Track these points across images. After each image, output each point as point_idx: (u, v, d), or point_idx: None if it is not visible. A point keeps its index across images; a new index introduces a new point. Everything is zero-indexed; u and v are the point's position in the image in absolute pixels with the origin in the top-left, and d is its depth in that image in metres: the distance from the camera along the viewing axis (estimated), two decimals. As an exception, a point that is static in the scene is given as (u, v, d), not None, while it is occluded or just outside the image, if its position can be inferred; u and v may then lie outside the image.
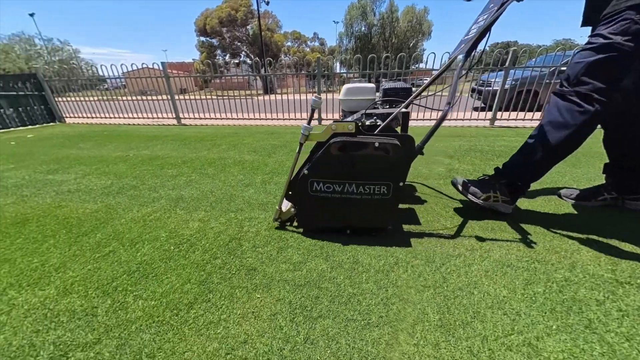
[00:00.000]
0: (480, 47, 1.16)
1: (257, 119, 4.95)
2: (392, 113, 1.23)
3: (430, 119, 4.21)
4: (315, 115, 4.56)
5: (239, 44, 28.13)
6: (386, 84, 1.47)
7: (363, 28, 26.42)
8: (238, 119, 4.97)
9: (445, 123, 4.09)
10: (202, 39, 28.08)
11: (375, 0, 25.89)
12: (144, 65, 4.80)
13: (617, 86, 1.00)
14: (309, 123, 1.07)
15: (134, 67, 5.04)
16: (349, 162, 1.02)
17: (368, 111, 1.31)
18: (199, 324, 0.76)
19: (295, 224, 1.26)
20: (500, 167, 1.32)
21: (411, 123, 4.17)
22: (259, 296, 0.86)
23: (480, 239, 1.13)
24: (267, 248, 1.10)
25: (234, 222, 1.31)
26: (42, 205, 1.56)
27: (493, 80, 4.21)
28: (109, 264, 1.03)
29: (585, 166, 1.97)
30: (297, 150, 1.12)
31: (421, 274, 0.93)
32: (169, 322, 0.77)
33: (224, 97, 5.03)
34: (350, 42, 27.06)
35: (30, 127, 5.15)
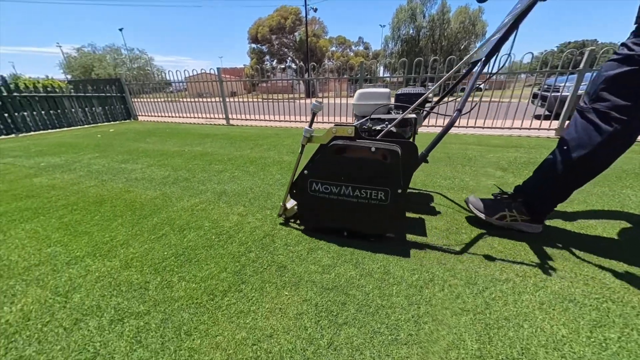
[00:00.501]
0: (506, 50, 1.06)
1: (297, 121, 5.11)
2: (396, 119, 1.18)
3: (467, 126, 3.85)
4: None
5: (285, 50, 29.55)
6: (400, 90, 1.43)
7: (411, 31, 25.48)
8: (280, 120, 5.20)
9: (499, 132, 3.69)
10: (253, 45, 30.17)
11: (426, 2, 24.80)
12: (202, 71, 5.35)
13: None
14: (310, 126, 1.12)
15: (194, 72, 5.65)
16: (345, 165, 1.05)
17: (374, 116, 1.31)
18: (231, 311, 0.81)
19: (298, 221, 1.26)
20: (521, 184, 1.23)
21: (439, 130, 3.88)
22: (287, 294, 0.88)
23: (534, 265, 0.98)
24: (298, 247, 1.12)
25: (269, 219, 1.37)
26: (115, 189, 1.84)
27: (562, 84, 3.67)
28: (161, 245, 1.16)
29: (689, 191, 1.59)
30: (299, 151, 1.17)
31: (460, 296, 0.85)
32: (205, 306, 0.83)
33: (269, 100, 5.32)
34: (396, 45, 26.32)
35: (112, 122, 6.13)
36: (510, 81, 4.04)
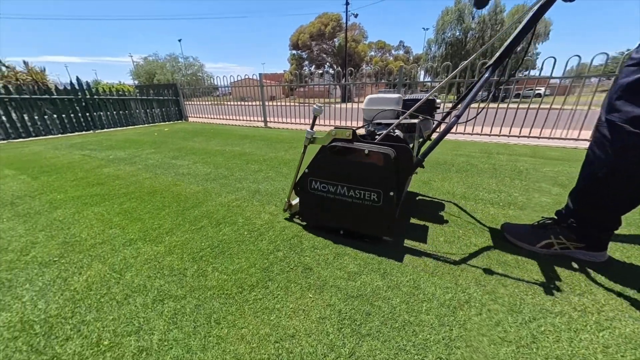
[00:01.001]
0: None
1: (332, 125, 5.16)
2: (393, 124, 1.22)
3: (519, 136, 3.43)
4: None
5: (324, 55, 30.12)
6: (407, 95, 1.38)
7: (457, 33, 24.03)
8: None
9: (560, 143, 3.26)
10: (294, 52, 31.37)
11: (476, 1, 23.14)
12: (246, 76, 5.73)
13: None
14: (311, 128, 1.22)
15: (238, 78, 6.07)
16: (342, 166, 1.12)
17: (375, 121, 1.36)
18: (257, 306, 0.84)
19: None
20: (563, 207, 1.10)
21: (459, 137, 3.53)
22: (311, 296, 0.88)
23: (598, 299, 0.84)
24: (324, 251, 1.12)
25: (298, 220, 1.39)
26: (165, 182, 2.05)
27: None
28: (199, 236, 1.26)
29: None
30: (302, 152, 1.28)
31: (500, 323, 0.77)
32: (234, 297, 0.88)
33: (305, 104, 5.47)
34: (440, 48, 25.04)
35: (167, 122, 6.87)
36: (577, 86, 3.54)
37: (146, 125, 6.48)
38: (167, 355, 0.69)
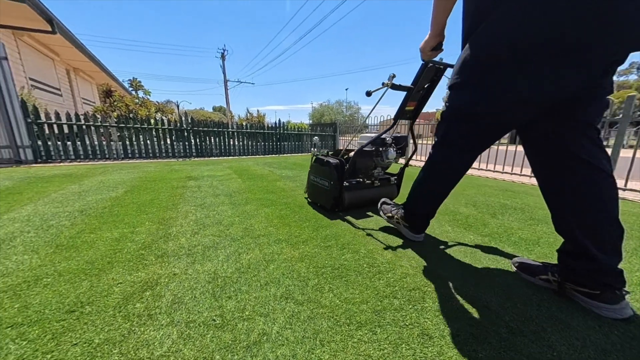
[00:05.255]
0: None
1: (489, 170, 4.24)
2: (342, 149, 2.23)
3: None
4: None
5: (491, 90, 26.03)
6: (368, 134, 2.30)
7: None
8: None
9: None
10: (451, 90, 29.49)
11: None
12: (395, 116, 6.03)
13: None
14: (314, 149, 2.29)
15: (388, 117, 6.48)
16: (319, 167, 2.09)
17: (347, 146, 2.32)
18: (360, 349, 0.79)
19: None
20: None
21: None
22: (425, 372, 0.71)
23: None
24: (455, 324, 0.89)
25: (424, 269, 1.21)
26: (304, 200, 2.47)
27: None
28: (325, 254, 1.38)
29: None
30: (310, 161, 2.20)
31: None
32: (341, 327, 0.87)
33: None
34: None
35: (323, 153, 8.47)
36: None
37: (309, 153, 8.27)
38: (279, 349, 0.78)
